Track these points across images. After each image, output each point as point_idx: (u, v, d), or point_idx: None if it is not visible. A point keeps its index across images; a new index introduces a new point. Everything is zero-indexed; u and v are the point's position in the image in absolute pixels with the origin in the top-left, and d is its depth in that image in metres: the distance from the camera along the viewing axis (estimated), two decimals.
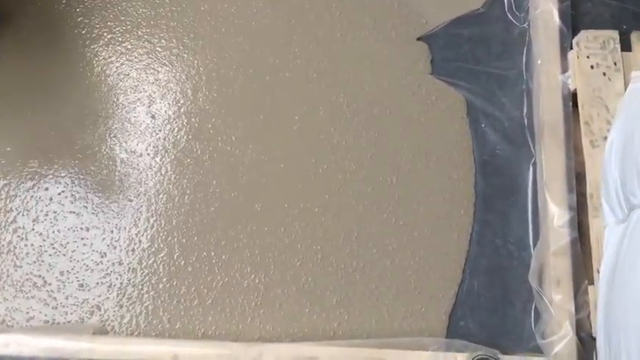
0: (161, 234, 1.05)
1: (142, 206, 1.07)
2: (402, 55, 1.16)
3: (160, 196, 1.08)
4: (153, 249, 1.04)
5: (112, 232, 1.06)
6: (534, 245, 1.02)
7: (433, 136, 1.11)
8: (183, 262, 1.03)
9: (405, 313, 1.00)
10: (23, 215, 1.07)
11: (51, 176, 1.09)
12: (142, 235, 1.05)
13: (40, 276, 1.03)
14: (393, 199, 1.07)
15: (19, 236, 1.06)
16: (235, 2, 1.19)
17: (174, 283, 1.02)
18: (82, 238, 1.05)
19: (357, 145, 1.11)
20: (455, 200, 1.07)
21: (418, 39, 1.17)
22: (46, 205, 1.07)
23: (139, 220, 1.06)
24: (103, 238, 1.05)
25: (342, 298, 1.01)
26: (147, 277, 1.02)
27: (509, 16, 1.16)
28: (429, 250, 1.04)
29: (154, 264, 1.03)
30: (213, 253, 1.04)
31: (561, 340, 0.92)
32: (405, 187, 1.08)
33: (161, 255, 1.04)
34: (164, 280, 1.02)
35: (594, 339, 0.91)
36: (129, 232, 1.05)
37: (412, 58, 1.16)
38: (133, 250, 1.04)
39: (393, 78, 1.15)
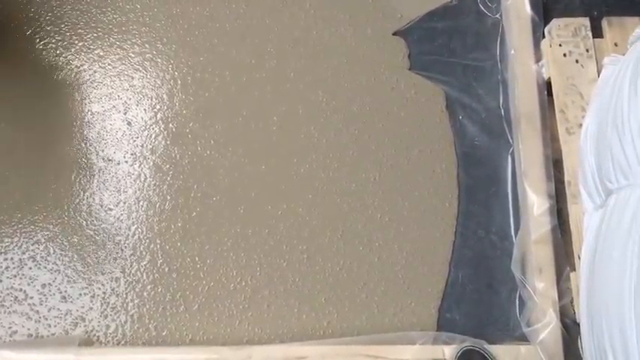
0: (143, 241, 1.04)
1: (122, 214, 1.05)
2: (379, 50, 1.16)
3: (141, 203, 1.06)
4: (135, 257, 1.03)
5: (93, 242, 1.04)
6: (516, 234, 1.02)
7: (414, 130, 1.11)
8: (167, 269, 1.02)
9: (395, 308, 1.00)
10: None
11: (27, 188, 1.07)
12: (124, 243, 1.04)
13: (21, 290, 1.01)
14: (378, 195, 1.07)
15: None
16: (208, 4, 1.18)
17: (159, 290, 1.01)
18: (62, 250, 1.03)
19: (338, 142, 1.10)
20: (439, 193, 1.07)
21: (394, 34, 1.17)
22: (24, 218, 1.05)
23: (120, 228, 1.05)
24: (84, 249, 1.03)
25: (330, 296, 1.01)
26: (130, 286, 1.01)
27: (481, 7, 1.17)
28: (416, 245, 1.04)
29: (138, 272, 1.02)
30: (197, 258, 1.03)
31: (546, 327, 0.93)
32: (389, 183, 1.08)
33: (144, 262, 1.03)
34: (148, 287, 1.01)
35: (578, 324, 0.92)
36: (110, 241, 1.04)
37: (389, 53, 1.16)
38: (115, 259, 1.03)
39: (371, 74, 1.15)
